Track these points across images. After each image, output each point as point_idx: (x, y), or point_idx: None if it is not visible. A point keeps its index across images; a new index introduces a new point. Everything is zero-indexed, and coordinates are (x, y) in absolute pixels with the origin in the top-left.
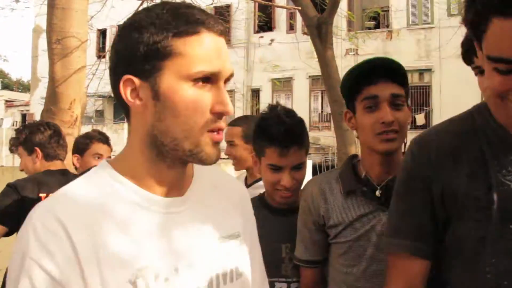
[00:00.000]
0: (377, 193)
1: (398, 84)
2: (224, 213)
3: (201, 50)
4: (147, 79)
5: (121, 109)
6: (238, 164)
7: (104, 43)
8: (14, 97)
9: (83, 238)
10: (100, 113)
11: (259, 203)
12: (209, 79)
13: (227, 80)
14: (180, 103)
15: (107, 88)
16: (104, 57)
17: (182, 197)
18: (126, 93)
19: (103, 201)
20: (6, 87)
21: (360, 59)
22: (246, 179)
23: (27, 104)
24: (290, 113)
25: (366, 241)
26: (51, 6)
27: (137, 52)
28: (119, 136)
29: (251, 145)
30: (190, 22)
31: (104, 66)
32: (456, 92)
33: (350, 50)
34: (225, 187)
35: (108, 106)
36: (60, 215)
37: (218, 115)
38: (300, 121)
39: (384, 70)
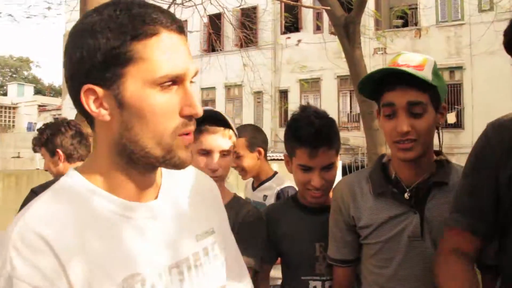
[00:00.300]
0: (406, 195)
1: (418, 89)
2: (198, 210)
3: (163, 52)
4: (109, 88)
5: (84, 118)
6: (246, 174)
7: None
8: (46, 101)
9: (66, 249)
10: None
11: (292, 202)
12: (174, 81)
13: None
14: (148, 110)
15: None
16: None
17: (156, 200)
18: (88, 103)
19: (80, 211)
20: (39, 92)
21: (389, 58)
22: (253, 182)
23: (59, 108)
24: (321, 114)
25: (397, 243)
26: (83, 11)
27: (94, 59)
28: None
29: (257, 152)
30: (147, 22)
31: None
32: (488, 89)
33: (378, 49)
34: (195, 183)
35: None
36: (39, 229)
37: (188, 118)
38: (331, 122)
39: (402, 74)
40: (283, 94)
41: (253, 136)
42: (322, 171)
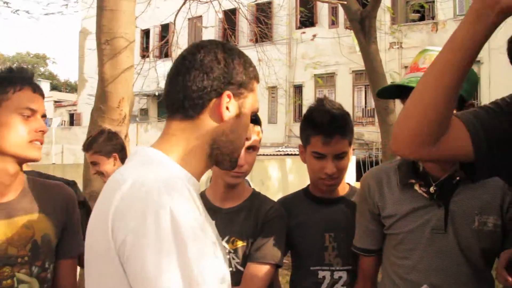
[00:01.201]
0: (432, 189)
1: None
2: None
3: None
4: (238, 100)
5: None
6: (105, 178)
7: (147, 43)
8: (62, 97)
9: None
10: (144, 112)
11: (303, 194)
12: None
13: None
14: (245, 127)
15: (151, 87)
16: (148, 56)
17: None
18: (223, 104)
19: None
20: (55, 88)
21: (405, 53)
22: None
23: (74, 104)
24: (336, 105)
25: (419, 234)
26: (100, 8)
27: (235, 78)
28: None
29: (112, 158)
30: (256, 72)
31: (148, 66)
32: (506, 84)
33: (394, 43)
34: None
35: (152, 105)
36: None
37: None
38: (345, 113)
39: None
40: (298, 89)
41: (106, 144)
42: (335, 159)
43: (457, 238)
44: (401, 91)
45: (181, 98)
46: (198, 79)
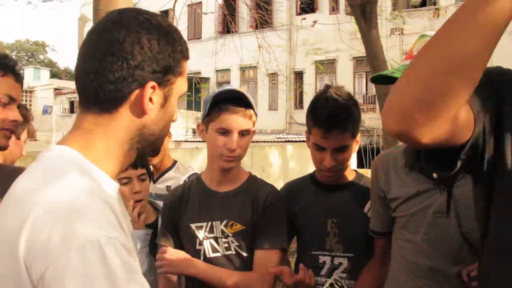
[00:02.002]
0: (434, 174)
1: None
2: None
3: (186, 74)
4: (163, 89)
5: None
6: None
7: None
8: (62, 85)
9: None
10: None
11: (309, 181)
12: None
13: None
14: (172, 114)
15: None
16: None
17: None
18: (146, 96)
19: None
20: (55, 75)
21: (406, 39)
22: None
23: (74, 92)
24: (341, 96)
25: (422, 217)
26: None
27: (159, 63)
28: None
29: None
30: (186, 48)
31: None
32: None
33: (395, 29)
34: None
35: None
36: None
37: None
38: (348, 105)
39: None
40: (299, 75)
41: None
42: (334, 152)
43: (459, 222)
44: (396, 78)
45: (95, 89)
46: (116, 67)
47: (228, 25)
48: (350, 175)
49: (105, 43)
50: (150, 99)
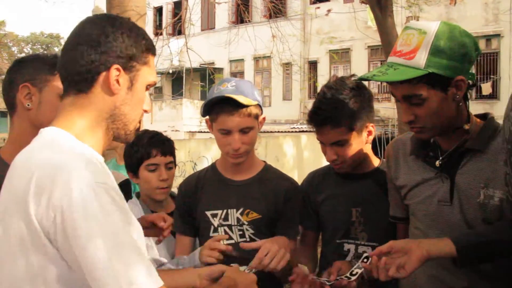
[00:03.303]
0: (437, 162)
1: (410, 82)
2: None
3: (153, 68)
4: (129, 73)
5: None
6: None
7: (160, 20)
8: None
9: None
10: (159, 90)
11: (332, 170)
12: (150, 86)
13: None
14: (140, 99)
15: (165, 65)
16: (161, 34)
17: None
18: (111, 77)
19: None
20: None
21: None
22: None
23: None
24: (335, 90)
25: (427, 206)
26: None
27: (125, 51)
28: (177, 111)
29: None
30: (152, 45)
31: (161, 43)
32: None
33: (411, 17)
34: None
35: (167, 83)
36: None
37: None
38: (339, 100)
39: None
40: (313, 65)
41: None
42: (334, 146)
43: (462, 210)
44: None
45: (72, 73)
46: (86, 53)
47: (241, 15)
48: (373, 163)
49: (78, 36)
50: (118, 81)
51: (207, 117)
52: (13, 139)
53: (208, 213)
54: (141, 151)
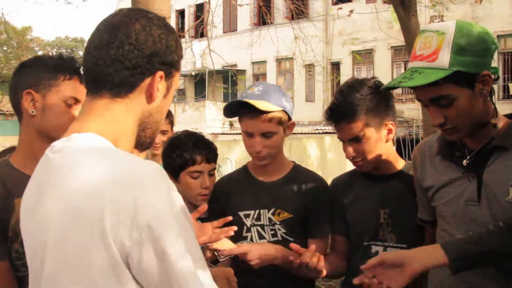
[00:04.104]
0: (464, 162)
1: (436, 84)
2: None
3: None
4: (167, 80)
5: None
6: None
7: (183, 23)
8: None
9: None
10: (182, 92)
11: (358, 173)
12: None
13: None
14: (168, 105)
15: (188, 67)
16: (183, 37)
17: None
18: (156, 83)
19: None
20: None
21: None
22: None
23: None
24: (351, 88)
25: (454, 206)
26: None
27: (167, 57)
28: (200, 113)
29: None
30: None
31: (184, 46)
32: None
33: (435, 17)
34: None
35: (189, 85)
36: None
37: None
38: (354, 96)
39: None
40: (335, 66)
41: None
42: (352, 143)
43: (491, 209)
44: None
45: (111, 74)
46: (132, 55)
47: (263, 17)
48: (399, 164)
49: (123, 34)
50: (157, 88)
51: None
52: (21, 146)
53: (241, 213)
54: (185, 157)
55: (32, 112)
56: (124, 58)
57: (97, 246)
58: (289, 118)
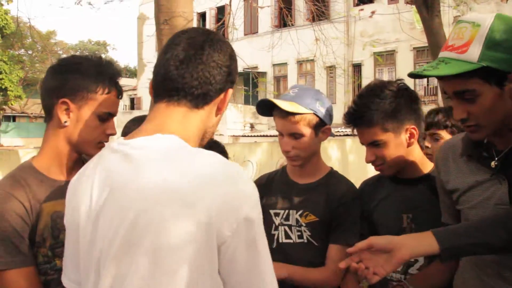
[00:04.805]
0: (492, 163)
1: (463, 77)
2: None
3: None
4: (224, 96)
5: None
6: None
7: (204, 25)
8: (122, 83)
9: None
10: None
11: (385, 176)
12: None
13: None
14: None
15: None
16: None
17: None
18: (225, 100)
19: None
20: None
21: None
22: None
23: (134, 89)
24: (370, 91)
25: (483, 210)
26: None
27: (230, 77)
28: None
29: None
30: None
31: None
32: None
33: (459, 17)
34: None
35: None
36: None
37: None
38: (373, 100)
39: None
40: (357, 68)
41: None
42: (372, 147)
43: None
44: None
45: (196, 87)
46: (216, 72)
47: (284, 19)
48: (426, 167)
49: (208, 54)
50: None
51: None
52: (46, 149)
53: (272, 211)
54: None
55: (66, 122)
56: (210, 74)
57: (199, 236)
58: (324, 123)
